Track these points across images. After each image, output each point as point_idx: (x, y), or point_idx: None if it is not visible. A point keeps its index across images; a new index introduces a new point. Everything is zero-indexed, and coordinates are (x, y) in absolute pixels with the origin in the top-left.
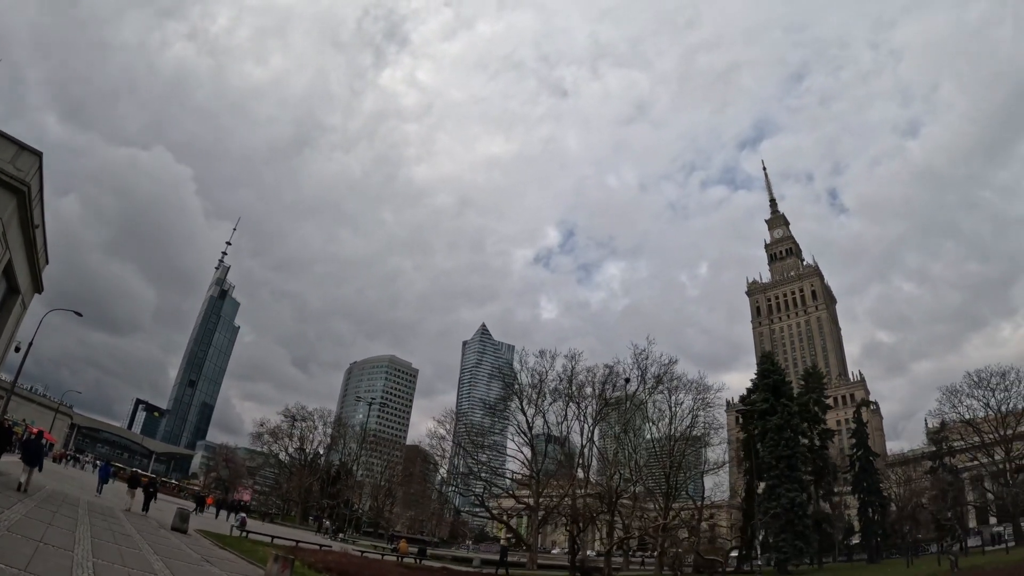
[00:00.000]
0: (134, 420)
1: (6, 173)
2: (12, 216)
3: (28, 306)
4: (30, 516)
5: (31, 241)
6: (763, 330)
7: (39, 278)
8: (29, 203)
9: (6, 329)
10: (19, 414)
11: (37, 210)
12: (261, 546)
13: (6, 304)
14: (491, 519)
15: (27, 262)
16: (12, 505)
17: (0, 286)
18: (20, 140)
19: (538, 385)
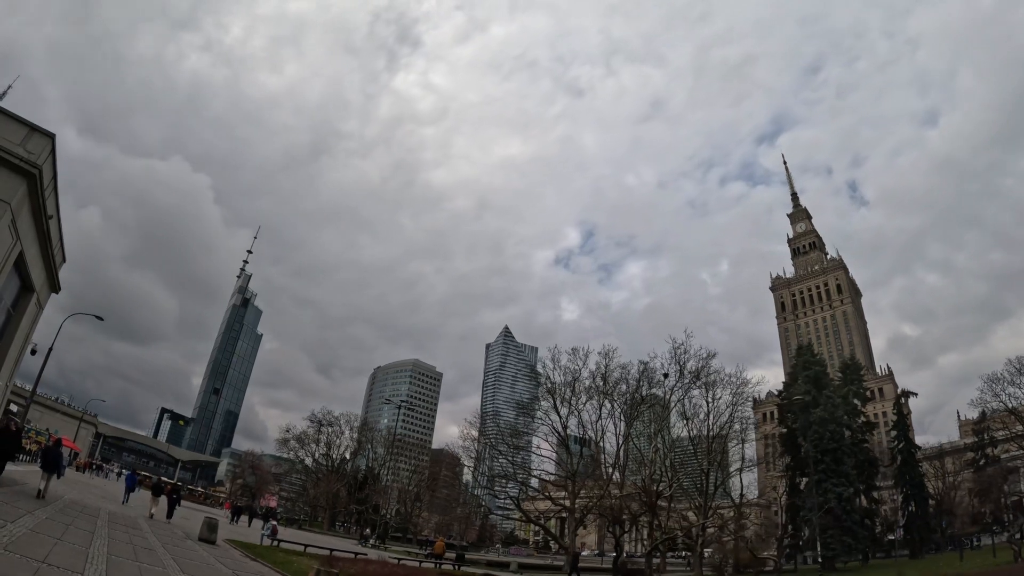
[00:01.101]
0: (159, 429)
1: (15, 155)
2: (23, 203)
3: (44, 306)
4: (38, 530)
5: (45, 233)
6: (788, 325)
7: (55, 276)
8: (41, 189)
9: (20, 329)
10: (44, 423)
11: (51, 200)
12: (294, 556)
13: (20, 302)
14: (527, 521)
15: (41, 257)
16: (20, 517)
17: (12, 282)
18: (30, 121)
19: (572, 384)
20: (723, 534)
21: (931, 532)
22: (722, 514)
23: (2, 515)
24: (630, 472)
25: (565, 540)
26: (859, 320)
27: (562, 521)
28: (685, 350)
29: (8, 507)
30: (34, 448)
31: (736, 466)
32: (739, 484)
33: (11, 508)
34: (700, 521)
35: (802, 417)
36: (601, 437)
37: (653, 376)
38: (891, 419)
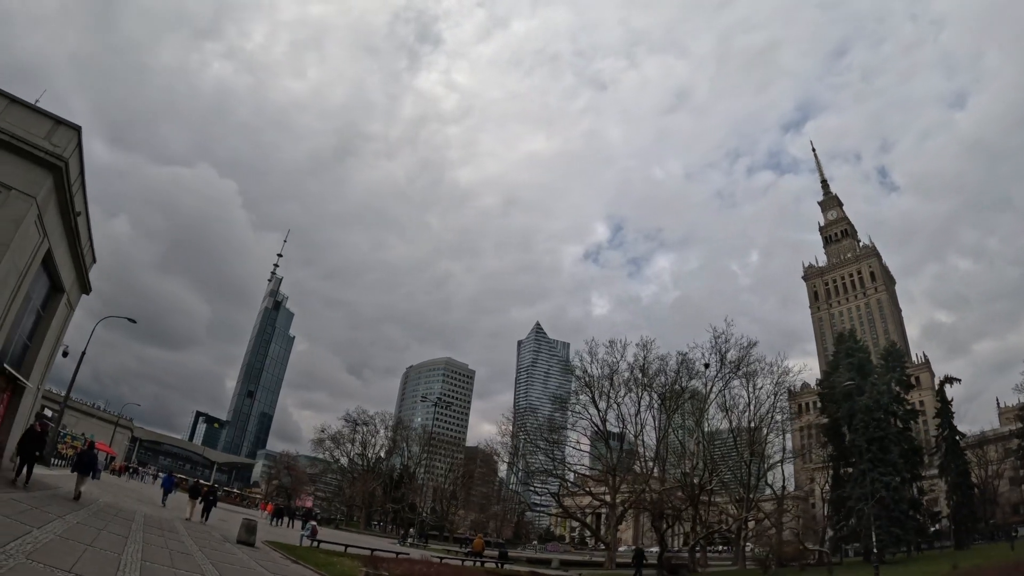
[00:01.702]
0: (195, 432)
1: (39, 148)
2: (49, 197)
3: (75, 307)
4: (68, 536)
5: (73, 230)
6: (822, 315)
7: (86, 276)
8: (68, 183)
9: (51, 331)
10: (79, 428)
11: (79, 196)
12: (335, 556)
13: (50, 303)
14: (566, 517)
15: (71, 256)
16: (49, 522)
17: (41, 281)
18: (55, 114)
19: (610, 377)
20: (764, 527)
21: (976, 522)
22: (763, 506)
23: (29, 520)
24: (670, 466)
25: (606, 536)
26: (893, 308)
27: (598, 517)
28: (726, 339)
29: (37, 512)
30: (70, 453)
31: (776, 458)
32: (781, 476)
33: (40, 513)
34: (742, 514)
35: (846, 405)
36: (641, 431)
37: (693, 367)
38: (929, 408)
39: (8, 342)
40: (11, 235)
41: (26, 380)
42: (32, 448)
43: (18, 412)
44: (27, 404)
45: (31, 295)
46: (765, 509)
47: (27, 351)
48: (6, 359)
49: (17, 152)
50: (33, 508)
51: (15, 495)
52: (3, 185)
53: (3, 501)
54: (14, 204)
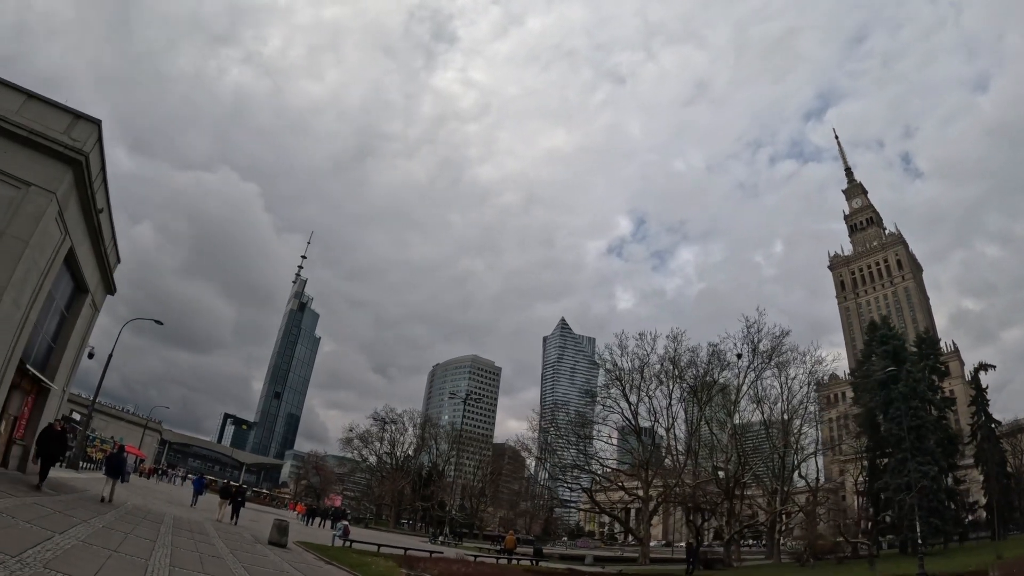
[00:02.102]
0: (223, 434)
1: (58, 143)
2: (70, 193)
3: (100, 308)
4: (91, 541)
5: (96, 228)
6: (849, 304)
7: (110, 277)
8: (88, 179)
9: (76, 332)
10: (108, 432)
11: (100, 192)
12: (369, 556)
13: (74, 304)
14: (599, 512)
15: (94, 255)
16: (73, 527)
17: (64, 281)
18: (74, 108)
19: (640, 369)
20: (800, 520)
21: (1012, 512)
22: (796, 499)
23: (51, 525)
24: (701, 459)
25: (639, 531)
26: (921, 296)
27: (627, 512)
28: (758, 328)
29: (60, 516)
30: (99, 456)
31: (809, 449)
32: (814, 467)
33: (63, 517)
34: (776, 507)
35: (882, 394)
36: (672, 424)
37: (724, 358)
38: (960, 396)
39: (31, 343)
40: (31, 232)
41: (51, 382)
42: (51, 448)
43: (43, 415)
44: (52, 406)
45: (54, 295)
46: (799, 502)
47: (51, 353)
48: (29, 360)
49: (36, 147)
50: (57, 512)
51: (39, 499)
52: (22, 181)
53: (25, 505)
54: (33, 200)
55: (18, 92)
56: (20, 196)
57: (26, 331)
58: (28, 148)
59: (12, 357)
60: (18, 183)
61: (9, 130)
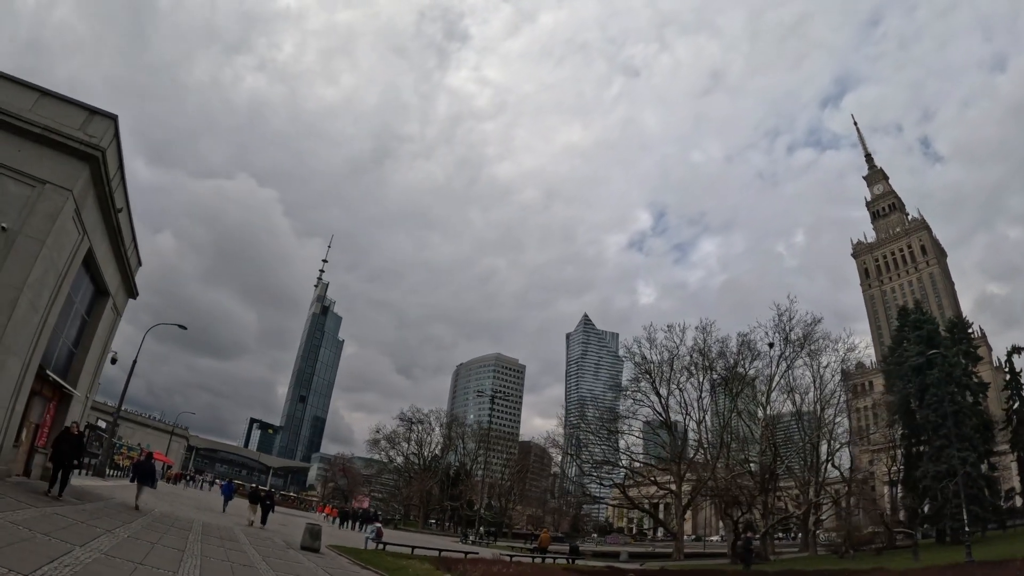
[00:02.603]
0: (250, 438)
1: (73, 139)
2: (87, 191)
3: (122, 313)
4: (114, 554)
5: (115, 228)
6: (874, 292)
7: (131, 280)
8: (106, 175)
9: (97, 337)
10: (135, 439)
11: (119, 192)
12: (404, 559)
13: (95, 307)
14: (632, 508)
15: (114, 257)
16: (95, 538)
17: (84, 284)
18: (89, 104)
19: (670, 361)
20: (829, 511)
21: None
22: (829, 490)
23: (72, 537)
24: (734, 451)
25: (672, 525)
26: (947, 281)
27: (655, 506)
28: (790, 316)
29: (82, 527)
30: (126, 464)
31: (843, 439)
32: (848, 458)
33: (85, 528)
34: (810, 499)
35: (916, 380)
36: (703, 417)
37: (755, 347)
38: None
39: (51, 348)
40: (47, 231)
41: (73, 388)
42: (67, 453)
43: (66, 420)
44: (75, 413)
45: (74, 298)
46: (832, 493)
47: (73, 358)
48: (50, 366)
49: (50, 145)
50: (79, 523)
51: (60, 509)
52: (37, 179)
53: (45, 516)
54: (49, 198)
55: (31, 90)
56: (35, 195)
57: (45, 335)
58: (43, 146)
59: (31, 362)
60: (33, 181)
61: (23, 128)
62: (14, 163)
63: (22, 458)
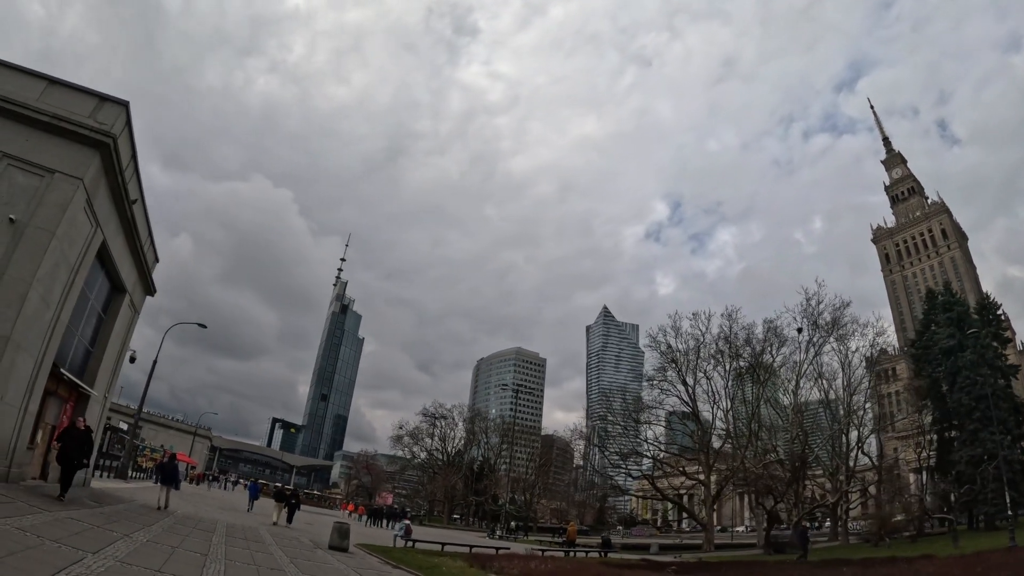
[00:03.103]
0: (272, 438)
1: (83, 126)
2: (98, 180)
3: (139, 311)
4: (130, 560)
5: (129, 221)
6: (895, 277)
7: (148, 276)
8: (118, 163)
9: (115, 334)
10: (158, 441)
11: (133, 184)
12: (435, 556)
13: (112, 304)
14: (662, 499)
15: (129, 252)
16: (112, 543)
17: (99, 279)
18: (99, 91)
19: (696, 350)
20: (858, 499)
21: None
22: (859, 478)
23: (85, 543)
24: (762, 440)
25: (702, 516)
26: (968, 265)
27: (682, 497)
28: (818, 300)
29: (98, 532)
30: (150, 465)
31: (871, 426)
32: (875, 445)
33: (101, 533)
34: (843, 487)
35: (948, 362)
36: (730, 405)
37: (781, 333)
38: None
39: (66, 346)
40: (56, 222)
41: (90, 388)
42: (73, 450)
43: (81, 422)
44: (93, 414)
45: (88, 294)
46: (861, 480)
47: (89, 357)
48: (64, 365)
49: (59, 133)
50: (94, 527)
51: (75, 513)
52: (45, 169)
53: (58, 521)
54: (58, 188)
55: (39, 79)
56: (44, 185)
57: (58, 332)
58: (51, 134)
59: (44, 360)
60: (41, 171)
61: (30, 117)
62: (22, 153)
63: (38, 460)
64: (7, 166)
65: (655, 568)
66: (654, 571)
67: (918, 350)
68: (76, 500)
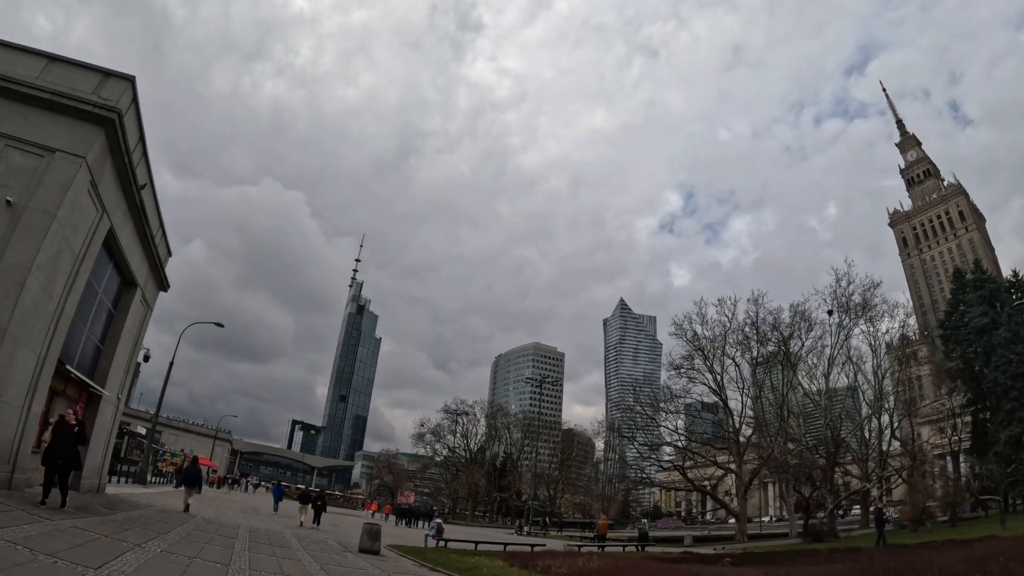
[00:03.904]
0: (292, 440)
1: (85, 101)
2: (103, 160)
3: (152, 307)
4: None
5: (138, 207)
6: (913, 261)
7: (161, 270)
8: (124, 141)
9: (126, 331)
10: (178, 445)
11: (141, 168)
12: (471, 556)
13: (123, 300)
14: (692, 489)
15: (139, 242)
16: (119, 555)
17: (107, 270)
18: (103, 67)
19: (723, 336)
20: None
21: None
22: (891, 463)
23: (87, 557)
24: (792, 427)
25: (734, 506)
26: (987, 247)
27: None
28: (848, 281)
29: (107, 541)
30: (170, 470)
31: (902, 411)
32: (910, 429)
33: (110, 543)
34: (877, 473)
35: (980, 342)
36: (759, 392)
37: (809, 317)
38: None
39: (73, 342)
40: (57, 203)
41: (101, 388)
42: (61, 450)
43: (95, 425)
44: (106, 416)
45: (96, 287)
46: (894, 466)
47: (100, 356)
48: (73, 363)
49: (60, 110)
50: (101, 537)
51: (80, 522)
52: (44, 148)
53: (57, 532)
54: (59, 167)
55: (39, 56)
56: (44, 165)
57: (63, 326)
58: (51, 112)
59: (49, 356)
60: (41, 150)
61: (29, 94)
62: (19, 132)
63: None
64: (4, 146)
65: (706, 561)
66: (706, 564)
67: (947, 331)
68: (86, 507)
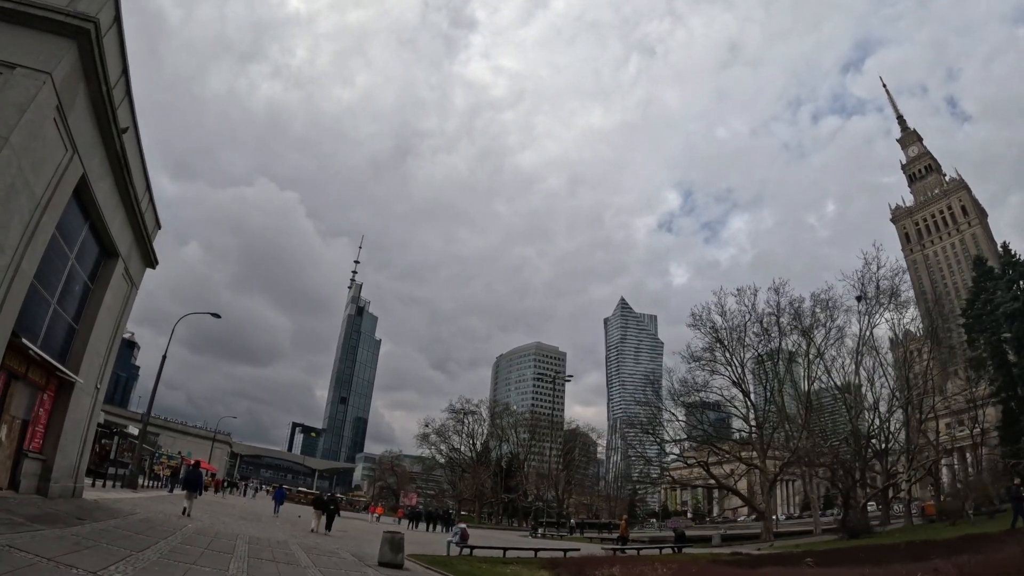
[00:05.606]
0: (292, 442)
1: (56, 10)
2: (74, 82)
3: (138, 285)
4: None
5: (119, 156)
6: (916, 257)
7: (147, 243)
8: (101, 62)
9: (105, 309)
10: (176, 447)
11: (124, 108)
12: (506, 566)
13: (102, 272)
14: (718, 488)
15: (121, 203)
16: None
17: (81, 231)
18: None
19: (743, 327)
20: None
21: None
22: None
23: None
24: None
25: (760, 504)
26: (990, 242)
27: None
28: (879, 266)
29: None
30: (166, 473)
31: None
32: (935, 421)
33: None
34: (908, 466)
35: (1011, 326)
36: (781, 385)
37: (835, 304)
38: None
39: (38, 315)
40: (12, 124)
41: (74, 374)
42: None
43: (67, 416)
44: (82, 406)
45: (66, 249)
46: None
47: (74, 336)
48: (37, 341)
49: (25, 22)
50: (40, 560)
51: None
52: (5, 64)
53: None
54: (18, 84)
55: None
56: (1, 82)
57: (19, 287)
58: (14, 25)
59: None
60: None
61: None
62: None
63: (4, 465)
64: None
65: (782, 562)
66: (786, 566)
67: (970, 319)
68: (49, 516)
